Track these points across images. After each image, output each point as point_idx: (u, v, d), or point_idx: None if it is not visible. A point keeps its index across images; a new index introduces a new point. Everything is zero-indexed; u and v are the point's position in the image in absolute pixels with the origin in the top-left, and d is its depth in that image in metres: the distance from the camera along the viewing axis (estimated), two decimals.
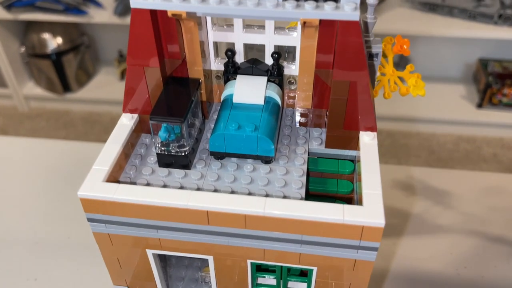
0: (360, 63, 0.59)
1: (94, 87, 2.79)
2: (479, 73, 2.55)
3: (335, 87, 0.62)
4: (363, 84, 0.61)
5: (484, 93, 2.44)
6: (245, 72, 0.70)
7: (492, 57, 2.58)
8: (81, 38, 2.65)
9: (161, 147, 0.64)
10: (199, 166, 0.66)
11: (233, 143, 0.64)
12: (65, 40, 2.61)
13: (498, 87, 2.40)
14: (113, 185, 0.59)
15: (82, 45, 2.66)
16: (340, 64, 0.60)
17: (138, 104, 0.68)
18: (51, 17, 2.42)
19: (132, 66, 0.64)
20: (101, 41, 2.83)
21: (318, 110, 0.70)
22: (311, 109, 0.70)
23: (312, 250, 0.59)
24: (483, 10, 2.19)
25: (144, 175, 0.65)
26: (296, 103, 0.71)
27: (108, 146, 0.64)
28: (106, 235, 0.63)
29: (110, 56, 2.84)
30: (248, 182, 0.63)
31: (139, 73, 0.65)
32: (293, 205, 0.56)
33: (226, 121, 0.64)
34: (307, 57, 0.66)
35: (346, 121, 0.65)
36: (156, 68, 0.64)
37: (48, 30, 2.58)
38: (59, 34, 2.61)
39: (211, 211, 0.57)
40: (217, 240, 0.60)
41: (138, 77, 0.65)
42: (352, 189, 0.68)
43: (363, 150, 0.63)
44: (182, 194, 0.57)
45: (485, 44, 2.54)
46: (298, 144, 0.69)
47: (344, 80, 0.61)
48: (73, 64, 2.67)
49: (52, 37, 2.60)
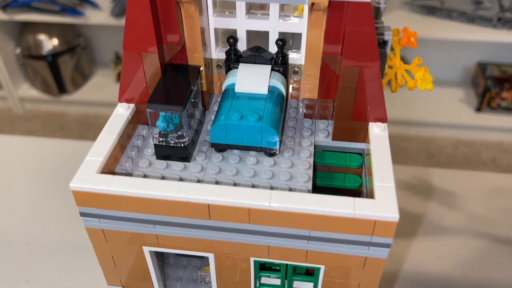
0: (371, 48, 0.56)
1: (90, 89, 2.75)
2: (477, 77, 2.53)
3: (344, 74, 0.58)
4: (374, 71, 0.58)
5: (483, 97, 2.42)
6: (247, 61, 0.67)
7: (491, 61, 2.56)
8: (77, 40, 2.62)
9: (159, 138, 0.60)
10: (199, 159, 0.62)
11: (235, 134, 0.61)
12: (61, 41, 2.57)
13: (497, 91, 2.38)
14: (108, 176, 0.55)
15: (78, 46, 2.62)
16: (349, 50, 0.56)
17: (134, 93, 0.64)
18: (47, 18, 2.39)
19: (128, 52, 0.61)
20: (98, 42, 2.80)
21: (325, 100, 0.67)
22: (317, 100, 0.67)
23: (320, 247, 0.55)
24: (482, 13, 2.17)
25: (141, 167, 0.61)
26: (301, 93, 0.68)
27: (103, 137, 0.61)
28: (100, 231, 0.59)
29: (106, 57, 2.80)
30: (252, 175, 0.60)
31: (136, 60, 0.61)
32: (300, 198, 0.52)
33: (228, 111, 0.61)
34: (314, 43, 0.62)
35: (355, 111, 0.61)
36: (154, 54, 0.60)
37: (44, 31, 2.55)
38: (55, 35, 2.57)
39: (213, 204, 0.53)
40: (219, 236, 0.56)
41: (134, 63, 0.61)
42: (360, 184, 0.65)
43: (373, 141, 0.60)
44: (182, 186, 0.54)
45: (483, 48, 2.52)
46: (304, 136, 0.66)
47: (353, 67, 0.58)
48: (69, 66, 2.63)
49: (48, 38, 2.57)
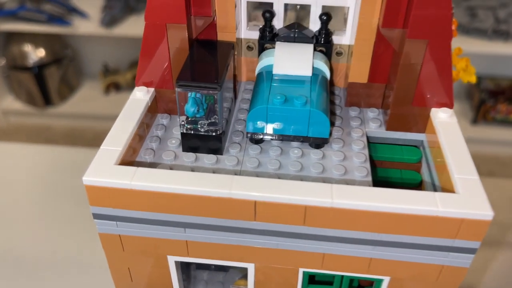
0: (444, 18, 0.47)
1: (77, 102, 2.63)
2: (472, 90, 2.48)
3: (408, 49, 0.49)
4: (445, 45, 0.49)
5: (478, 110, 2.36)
6: (286, 39, 0.57)
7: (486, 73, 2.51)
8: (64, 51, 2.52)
9: (187, 125, 0.50)
10: (233, 151, 0.52)
11: (277, 121, 0.51)
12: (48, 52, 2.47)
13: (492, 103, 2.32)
14: (129, 168, 0.45)
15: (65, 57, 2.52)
16: (418, 19, 0.47)
17: (155, 74, 0.54)
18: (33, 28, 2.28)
19: (151, 22, 0.51)
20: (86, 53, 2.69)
21: (376, 85, 0.58)
22: (366, 85, 0.58)
23: (387, 254, 0.45)
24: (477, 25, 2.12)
25: (165, 160, 0.51)
26: (346, 77, 0.58)
27: (120, 124, 0.50)
28: (116, 238, 0.48)
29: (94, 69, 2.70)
30: (298, 170, 0.50)
31: (160, 33, 0.51)
32: (370, 193, 0.43)
33: (268, 94, 0.51)
34: (367, 17, 0.53)
35: (417, 94, 0.52)
36: (182, 26, 0.51)
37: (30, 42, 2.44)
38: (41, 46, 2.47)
39: (261, 201, 0.43)
40: (263, 242, 0.46)
41: (157, 37, 0.52)
42: (420, 180, 0.55)
43: (441, 130, 0.50)
44: (223, 180, 0.44)
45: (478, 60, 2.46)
46: (352, 126, 0.56)
47: (421, 40, 0.49)
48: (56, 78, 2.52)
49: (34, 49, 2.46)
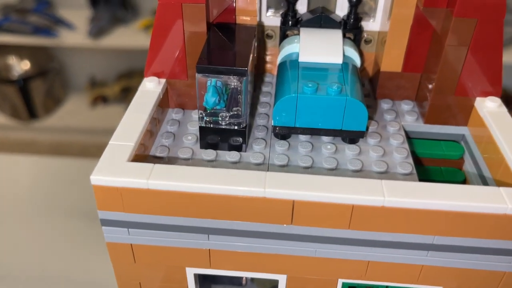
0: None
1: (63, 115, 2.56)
2: None
3: (455, 30, 0.44)
4: (497, 23, 0.44)
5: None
6: (311, 24, 0.52)
7: None
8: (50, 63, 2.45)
9: (206, 117, 0.44)
10: (258, 147, 0.46)
11: (308, 112, 0.45)
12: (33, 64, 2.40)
13: None
14: (146, 165, 0.38)
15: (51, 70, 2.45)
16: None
17: (167, 62, 0.48)
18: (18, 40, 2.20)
19: (164, 3, 0.45)
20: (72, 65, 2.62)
21: (410, 75, 0.52)
22: (401, 74, 0.52)
23: (442, 260, 0.40)
24: None
25: (182, 158, 0.45)
26: (380, 66, 0.53)
27: (130, 117, 0.44)
28: (127, 247, 0.41)
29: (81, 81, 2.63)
30: (334, 167, 0.44)
31: (174, 14, 0.45)
32: (427, 189, 0.37)
33: (297, 82, 0.45)
34: None
35: (461, 82, 0.47)
36: (200, 6, 0.45)
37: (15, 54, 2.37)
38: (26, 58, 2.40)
39: (300, 201, 0.37)
40: (300, 249, 0.40)
41: (171, 19, 0.46)
42: (464, 179, 0.50)
43: (492, 121, 0.45)
44: (254, 176, 0.37)
45: None
46: (387, 119, 0.51)
47: (469, 19, 0.43)
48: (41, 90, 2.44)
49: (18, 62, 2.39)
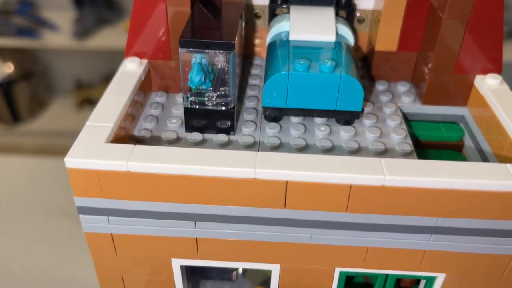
0: None
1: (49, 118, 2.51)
2: None
3: (454, 1, 0.42)
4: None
5: None
6: (301, 2, 0.49)
7: None
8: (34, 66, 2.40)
9: (191, 98, 0.41)
10: (247, 129, 0.43)
11: (299, 92, 0.42)
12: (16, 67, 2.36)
13: None
14: (125, 146, 0.35)
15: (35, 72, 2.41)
16: None
17: (149, 41, 0.45)
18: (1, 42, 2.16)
19: None
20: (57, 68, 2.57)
21: (406, 54, 0.50)
22: (396, 53, 0.50)
23: (445, 244, 0.37)
24: None
25: (165, 140, 0.41)
26: (375, 45, 0.50)
27: (109, 98, 0.41)
28: (107, 237, 0.38)
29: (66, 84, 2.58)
30: (328, 148, 0.41)
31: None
32: (430, 167, 0.34)
33: (287, 60, 0.43)
34: None
35: (460, 59, 0.45)
36: None
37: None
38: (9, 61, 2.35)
39: (294, 181, 0.34)
40: (294, 235, 0.37)
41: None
42: None
43: (494, 100, 0.43)
44: (244, 156, 0.35)
45: None
46: (382, 100, 0.48)
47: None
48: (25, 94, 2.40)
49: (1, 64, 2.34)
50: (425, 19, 0.47)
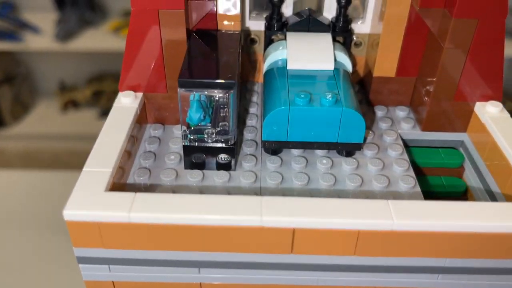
0: None
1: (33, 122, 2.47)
2: None
3: (454, 31, 0.41)
4: (498, 23, 0.41)
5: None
6: (298, 28, 0.48)
7: None
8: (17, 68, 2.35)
9: (191, 135, 0.40)
10: (248, 165, 0.42)
11: (300, 125, 0.41)
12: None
13: None
14: (126, 195, 0.34)
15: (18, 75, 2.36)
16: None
17: (144, 74, 0.44)
18: None
19: (139, 10, 0.41)
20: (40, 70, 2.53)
21: (405, 79, 0.49)
22: (395, 79, 0.49)
23: (454, 283, 0.37)
24: None
25: (165, 181, 0.40)
26: (374, 70, 0.49)
27: (105, 138, 0.40)
28: (108, 285, 0.37)
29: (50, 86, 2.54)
30: (332, 184, 0.41)
31: (150, 21, 0.41)
32: (438, 208, 0.34)
33: (287, 93, 0.42)
34: None
35: (461, 87, 0.44)
36: (179, 12, 0.41)
37: None
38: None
39: (301, 228, 0.33)
40: (300, 278, 0.36)
41: (147, 27, 0.41)
42: (466, 188, 0.47)
43: (495, 127, 0.42)
44: (249, 203, 0.34)
45: None
46: (382, 127, 0.48)
47: (470, 19, 0.41)
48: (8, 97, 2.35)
49: None
50: (424, 44, 0.47)
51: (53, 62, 2.68)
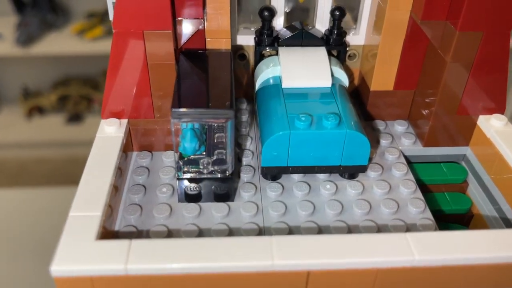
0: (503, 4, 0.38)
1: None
2: None
3: (459, 44, 0.39)
4: (503, 35, 0.39)
5: None
6: (290, 42, 0.45)
7: None
8: None
9: (185, 166, 0.37)
10: (247, 194, 0.39)
11: (301, 149, 0.39)
12: None
13: None
14: (120, 243, 0.30)
15: None
16: (473, 5, 0.37)
17: (128, 99, 0.40)
18: None
19: (122, 32, 0.37)
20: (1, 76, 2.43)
21: (402, 92, 0.47)
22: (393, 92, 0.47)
23: None
24: None
25: (159, 218, 0.37)
26: (371, 85, 0.47)
27: (91, 175, 0.36)
28: None
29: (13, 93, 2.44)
30: (338, 212, 0.38)
31: (134, 44, 0.37)
32: (461, 240, 0.32)
33: (286, 116, 0.39)
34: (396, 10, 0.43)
35: (464, 100, 0.42)
36: (166, 33, 0.37)
37: None
38: None
39: (317, 271, 0.30)
40: None
41: (131, 50, 0.38)
42: (471, 205, 0.45)
43: (501, 140, 0.41)
44: (258, 245, 0.31)
45: None
46: (383, 144, 0.46)
47: (474, 32, 0.39)
48: None
49: None
50: (423, 56, 0.45)
51: (15, 68, 2.57)
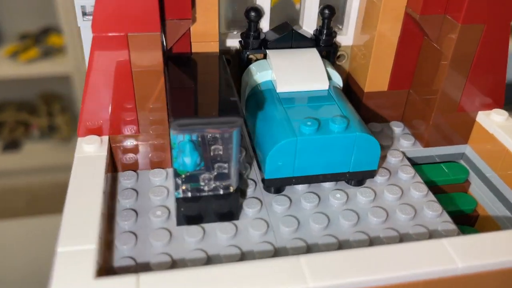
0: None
1: None
2: None
3: (461, 38, 0.38)
4: (504, 27, 0.38)
5: None
6: (280, 44, 0.42)
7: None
8: None
9: (184, 184, 0.33)
10: (251, 211, 0.35)
11: (309, 156, 0.35)
12: None
13: None
14: (127, 280, 0.26)
15: None
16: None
17: (109, 113, 0.35)
18: None
19: (102, 36, 0.32)
20: None
21: (397, 92, 0.45)
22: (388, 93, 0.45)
23: None
24: None
25: (157, 245, 0.32)
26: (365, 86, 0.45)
27: (76, 203, 0.31)
28: None
29: None
30: (354, 223, 0.35)
31: (117, 47, 0.33)
32: (498, 241, 0.29)
33: (289, 121, 0.36)
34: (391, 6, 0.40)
35: (465, 97, 0.41)
36: (153, 36, 0.33)
37: None
38: None
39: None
40: None
41: (113, 56, 0.33)
42: (476, 205, 0.44)
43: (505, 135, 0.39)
44: (288, 267, 0.27)
45: None
46: (383, 146, 0.43)
47: (476, 25, 0.37)
48: None
49: None
50: (417, 55, 0.43)
51: None
